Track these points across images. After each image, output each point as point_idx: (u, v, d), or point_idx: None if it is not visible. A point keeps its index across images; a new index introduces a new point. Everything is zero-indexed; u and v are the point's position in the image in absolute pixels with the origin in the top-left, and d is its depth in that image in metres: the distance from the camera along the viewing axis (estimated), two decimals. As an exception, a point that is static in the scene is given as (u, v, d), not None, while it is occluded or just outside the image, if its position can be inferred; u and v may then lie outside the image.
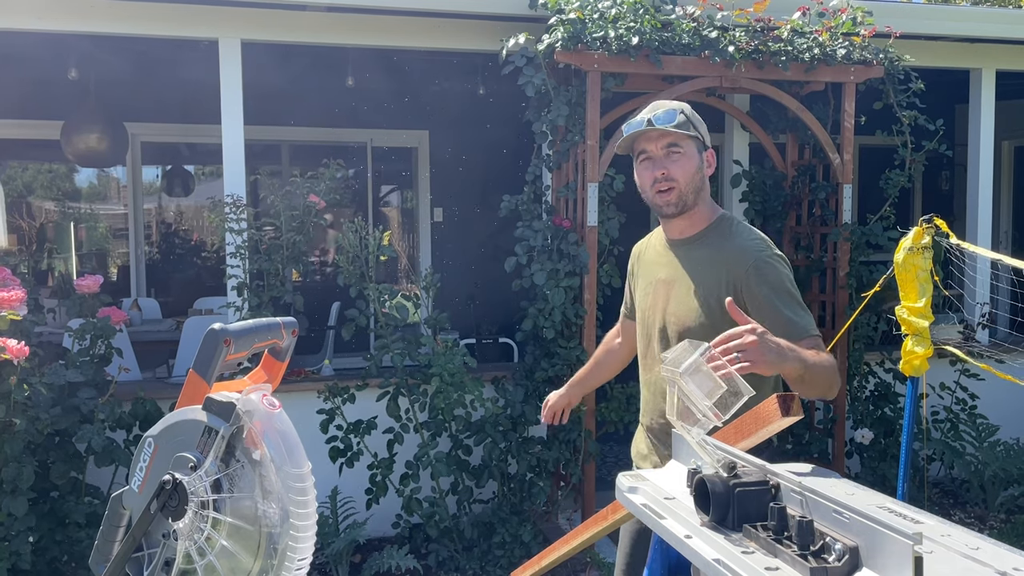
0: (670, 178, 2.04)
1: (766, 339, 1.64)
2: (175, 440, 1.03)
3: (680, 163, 2.04)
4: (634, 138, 2.06)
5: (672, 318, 2.10)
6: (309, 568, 1.01)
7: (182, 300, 6.70)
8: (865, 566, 0.92)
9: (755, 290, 1.98)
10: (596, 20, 4.02)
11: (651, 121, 2.02)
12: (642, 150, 2.07)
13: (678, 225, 2.13)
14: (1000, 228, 7.27)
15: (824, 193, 4.62)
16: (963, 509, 4.80)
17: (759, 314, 1.88)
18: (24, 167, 8.12)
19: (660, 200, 2.07)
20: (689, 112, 2.07)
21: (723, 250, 2.06)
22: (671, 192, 2.05)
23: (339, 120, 6.51)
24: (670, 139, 2.03)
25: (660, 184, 2.05)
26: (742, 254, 2.02)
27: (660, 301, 2.15)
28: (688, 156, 2.05)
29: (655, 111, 2.04)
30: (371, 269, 3.95)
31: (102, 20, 4.17)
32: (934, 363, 3.93)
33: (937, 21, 5.03)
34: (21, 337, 3.31)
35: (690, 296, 2.06)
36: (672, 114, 2.03)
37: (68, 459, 3.56)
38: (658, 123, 2.01)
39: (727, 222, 2.13)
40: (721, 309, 1.92)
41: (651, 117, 2.03)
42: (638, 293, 2.29)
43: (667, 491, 1.27)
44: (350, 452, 3.99)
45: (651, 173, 2.06)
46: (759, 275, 1.99)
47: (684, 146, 2.04)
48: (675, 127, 2.01)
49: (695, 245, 2.12)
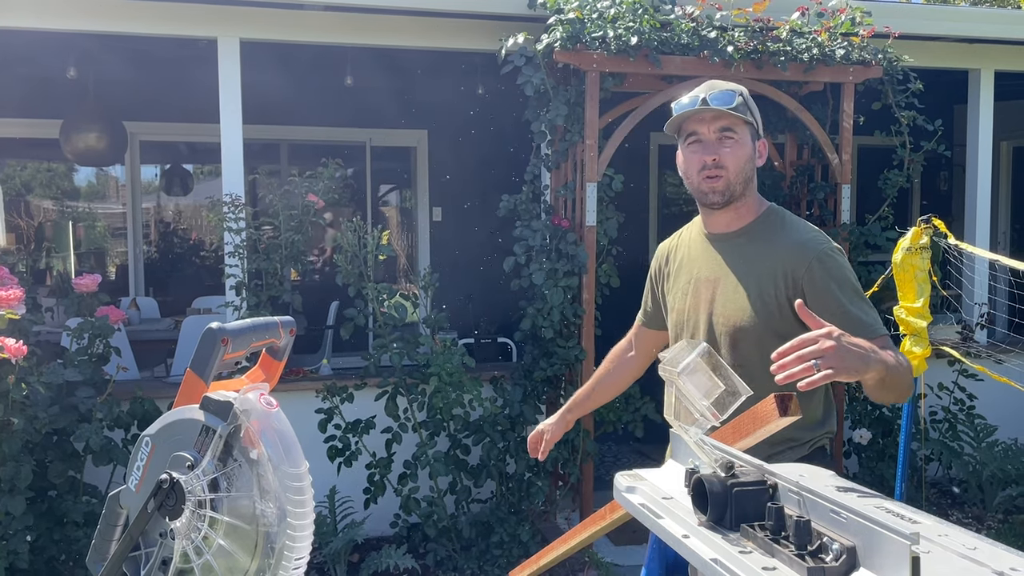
0: (720, 165, 1.86)
1: (844, 343, 1.49)
2: (172, 439, 1.03)
3: (733, 149, 1.87)
4: (685, 118, 1.88)
5: (720, 318, 1.93)
6: (307, 567, 1.01)
7: (180, 299, 6.70)
8: (862, 566, 0.92)
9: (819, 286, 1.82)
10: (595, 20, 4.02)
11: (706, 101, 1.84)
12: (692, 131, 1.89)
13: (723, 217, 1.95)
14: (999, 228, 7.27)
15: (823, 193, 4.63)
16: (961, 509, 4.80)
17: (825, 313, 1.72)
18: (23, 166, 8.11)
19: (706, 187, 1.89)
20: (746, 95, 1.90)
21: (777, 244, 1.90)
22: (719, 180, 1.87)
23: (338, 119, 6.51)
24: (725, 122, 1.86)
25: (709, 171, 1.87)
26: (801, 248, 1.86)
27: (704, 301, 1.97)
28: (741, 143, 1.88)
29: (711, 90, 1.87)
30: (370, 268, 3.94)
31: (101, 19, 4.16)
32: (932, 363, 3.93)
33: (936, 21, 5.03)
34: (19, 336, 3.30)
35: (740, 294, 1.90)
36: (730, 95, 1.86)
37: (66, 458, 3.55)
38: (714, 103, 1.84)
39: (778, 214, 1.98)
40: (777, 307, 1.83)
41: (707, 96, 1.85)
42: (672, 294, 2.10)
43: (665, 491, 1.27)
44: (348, 451, 3.98)
45: (700, 157, 1.88)
46: (823, 270, 1.83)
47: (739, 132, 1.88)
48: (732, 109, 1.84)
49: (743, 239, 1.95)
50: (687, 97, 1.89)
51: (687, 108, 1.86)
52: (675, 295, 2.07)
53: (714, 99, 1.85)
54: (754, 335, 1.86)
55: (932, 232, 3.06)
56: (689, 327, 2.00)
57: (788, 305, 1.81)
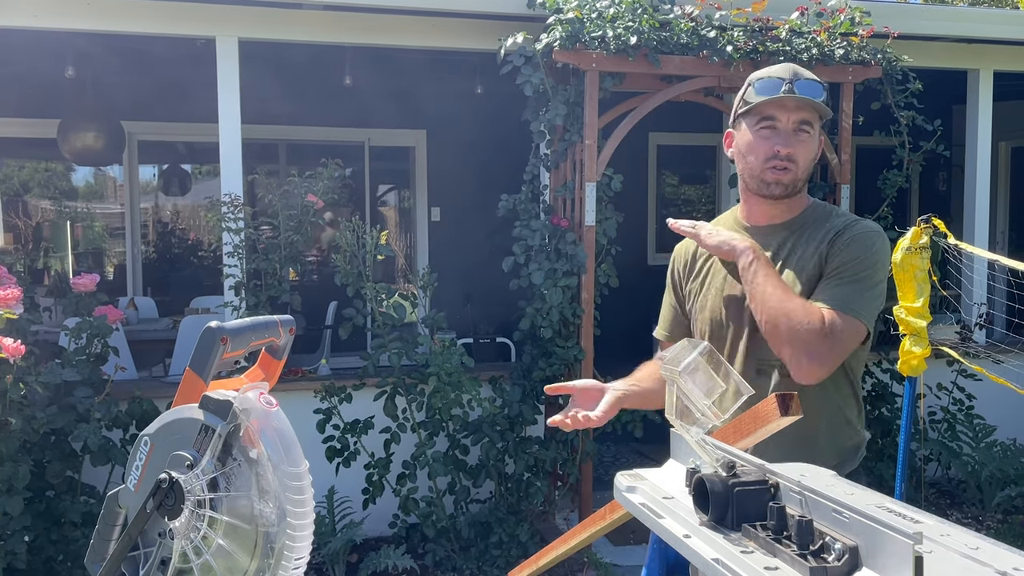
0: (792, 159, 1.76)
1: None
2: (172, 438, 1.02)
3: (806, 144, 1.78)
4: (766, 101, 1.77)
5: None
6: (306, 568, 1.01)
7: (179, 299, 6.69)
8: (865, 566, 0.91)
9: (832, 263, 1.75)
10: (594, 20, 4.02)
11: (792, 88, 1.73)
12: (769, 116, 1.77)
13: (774, 209, 1.85)
14: (997, 228, 7.28)
15: (822, 193, 4.62)
16: (960, 509, 4.81)
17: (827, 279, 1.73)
18: (20, 165, 8.10)
19: (771, 177, 1.78)
20: (827, 88, 1.81)
21: (822, 231, 1.82)
22: (787, 173, 1.77)
23: (337, 119, 6.51)
24: (806, 114, 1.76)
25: (779, 161, 1.77)
26: (838, 233, 1.78)
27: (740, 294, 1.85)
28: (814, 139, 1.80)
29: (796, 76, 1.75)
30: (368, 268, 3.94)
31: (99, 18, 4.16)
32: (931, 363, 3.93)
33: (935, 21, 5.03)
34: (17, 336, 3.30)
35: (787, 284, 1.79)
36: (818, 88, 1.76)
37: (64, 458, 3.55)
38: (800, 91, 1.73)
39: (825, 206, 1.91)
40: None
41: (795, 85, 1.74)
42: (703, 292, 1.94)
43: (666, 490, 1.26)
44: (347, 452, 3.98)
45: (772, 145, 1.77)
46: (842, 249, 1.75)
47: (814, 127, 1.79)
48: (820, 102, 1.76)
49: (790, 230, 1.86)
50: (769, 78, 1.79)
51: (773, 94, 1.75)
52: (707, 293, 1.93)
53: (802, 88, 1.74)
54: None
55: (932, 232, 3.06)
56: (729, 324, 1.87)
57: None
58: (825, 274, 1.76)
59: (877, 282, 1.77)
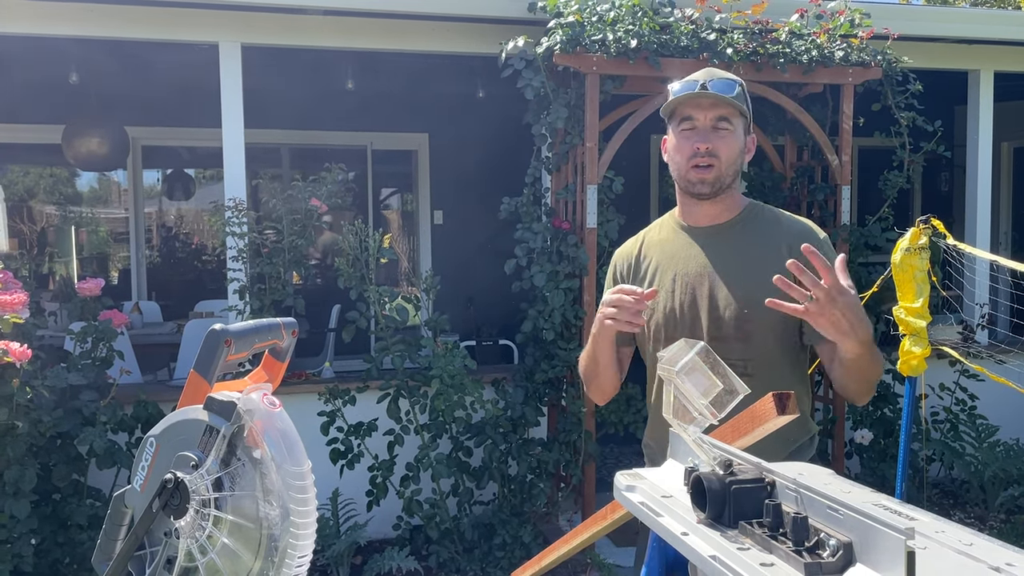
0: (713, 154, 1.81)
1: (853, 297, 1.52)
2: (177, 439, 1.04)
3: (727, 140, 1.82)
4: (680, 102, 1.83)
5: (726, 312, 1.85)
6: (310, 569, 1.02)
7: (183, 303, 6.72)
8: (859, 561, 0.93)
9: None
10: (595, 23, 4.04)
11: (705, 86, 1.79)
12: (687, 116, 1.84)
13: (710, 209, 1.89)
14: (999, 229, 7.28)
15: (823, 194, 4.64)
16: (963, 510, 4.81)
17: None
18: (25, 171, 8.14)
19: (695, 176, 1.84)
20: (744, 87, 1.86)
21: (775, 231, 1.86)
22: (710, 170, 1.82)
23: (339, 123, 6.53)
24: (722, 111, 1.81)
25: (700, 159, 1.82)
26: (803, 235, 1.81)
27: (701, 297, 1.88)
28: (735, 135, 1.84)
29: (710, 76, 1.82)
30: (371, 271, 3.96)
31: (102, 24, 4.18)
32: (934, 364, 3.94)
33: (935, 22, 5.04)
34: (23, 340, 3.32)
35: (744, 285, 1.83)
36: (730, 84, 1.81)
37: (70, 461, 3.57)
38: (713, 90, 1.79)
39: (762, 206, 1.96)
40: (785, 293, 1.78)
41: (707, 82, 1.80)
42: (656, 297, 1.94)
43: (664, 489, 1.28)
44: (351, 454, 3.99)
45: (692, 144, 1.83)
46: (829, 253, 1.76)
47: (734, 123, 1.83)
48: (732, 98, 1.80)
49: (734, 230, 1.89)
50: (684, 81, 1.84)
51: (686, 91, 1.81)
52: (660, 297, 1.94)
53: (714, 86, 1.80)
54: (766, 324, 1.81)
55: (931, 232, 3.07)
56: (683, 326, 1.89)
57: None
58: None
59: None
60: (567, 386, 4.25)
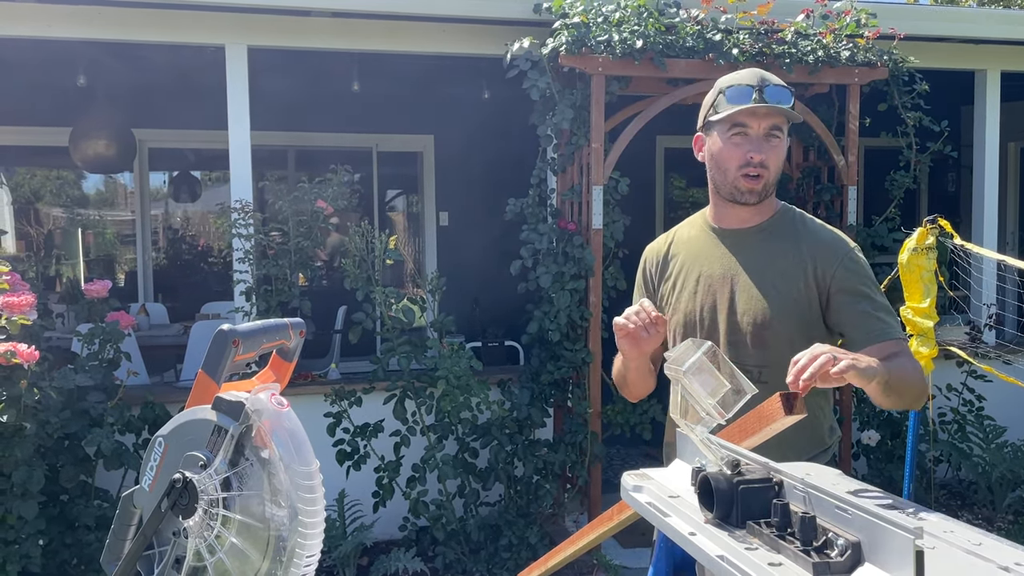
0: (765, 165, 1.79)
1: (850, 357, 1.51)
2: (185, 439, 1.04)
3: (777, 149, 1.81)
4: (739, 110, 1.79)
5: (745, 317, 1.85)
6: (316, 570, 1.02)
7: (189, 305, 6.73)
8: (867, 561, 0.93)
9: (848, 286, 1.80)
10: (600, 24, 4.04)
11: (763, 96, 1.76)
12: (740, 123, 1.80)
13: (741, 213, 1.88)
14: (1007, 229, 7.25)
15: (829, 195, 4.63)
16: (971, 511, 4.79)
17: (854, 314, 1.77)
18: (32, 174, 8.16)
19: (745, 185, 1.82)
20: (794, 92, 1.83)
21: (802, 241, 1.85)
22: (760, 180, 1.81)
23: (345, 125, 6.54)
24: (777, 120, 1.79)
25: (752, 168, 1.80)
26: (830, 247, 1.83)
27: (722, 299, 1.88)
28: (784, 143, 1.83)
29: (765, 82, 1.78)
30: (377, 273, 3.96)
31: (110, 27, 4.20)
32: (941, 364, 3.93)
33: (941, 22, 5.03)
34: (31, 341, 3.33)
35: (765, 290, 1.83)
36: (787, 94, 1.78)
37: (77, 462, 3.58)
38: (770, 98, 1.75)
39: (794, 212, 1.93)
40: (807, 303, 1.80)
41: (763, 88, 1.76)
42: (676, 295, 1.97)
43: (672, 489, 1.27)
44: (357, 455, 4.00)
45: (743, 152, 1.80)
46: (853, 270, 1.81)
47: (784, 131, 1.82)
48: (790, 109, 1.78)
49: (763, 235, 1.88)
50: (737, 83, 1.80)
51: (742, 101, 1.77)
52: (678, 295, 1.97)
53: (771, 95, 1.76)
54: (783, 332, 1.81)
55: (938, 233, 3.06)
56: (703, 328, 1.90)
57: (818, 302, 1.81)
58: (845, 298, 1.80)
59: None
60: (573, 387, 4.24)
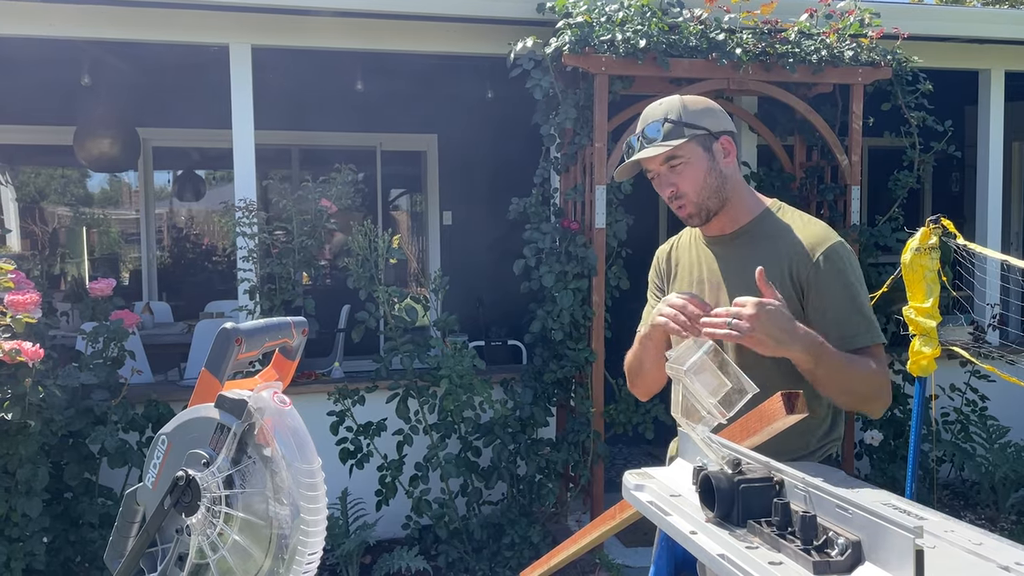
0: (679, 195, 1.86)
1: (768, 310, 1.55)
2: (188, 437, 1.05)
3: (685, 174, 1.84)
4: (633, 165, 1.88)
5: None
6: (319, 568, 1.03)
7: (193, 304, 6.75)
8: (868, 560, 0.93)
9: (824, 283, 1.80)
10: (603, 23, 4.04)
11: (632, 148, 1.85)
12: (646, 169, 1.90)
13: (715, 223, 1.92)
14: (1010, 229, 7.24)
15: (832, 195, 4.62)
16: (974, 511, 4.78)
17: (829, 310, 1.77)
18: (37, 172, 8.19)
19: (681, 215, 1.91)
20: (677, 114, 1.83)
21: (781, 240, 1.87)
22: (684, 208, 1.88)
23: (349, 124, 6.55)
24: (660, 157, 1.84)
25: (673, 203, 1.89)
26: (805, 244, 1.84)
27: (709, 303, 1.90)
28: (692, 162, 1.84)
29: (643, 126, 1.86)
30: (380, 272, 3.97)
31: (114, 26, 4.21)
32: (944, 364, 3.92)
33: (945, 22, 5.02)
34: (36, 340, 3.34)
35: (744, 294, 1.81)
36: (655, 128, 1.83)
37: (82, 460, 3.59)
38: (640, 150, 1.83)
39: (775, 213, 1.94)
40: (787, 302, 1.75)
41: (639, 137, 1.85)
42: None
43: (673, 488, 1.28)
44: (360, 454, 4.01)
45: (662, 191, 1.90)
46: (829, 267, 1.81)
47: (684, 153, 1.83)
48: (662, 143, 1.81)
49: (742, 240, 1.91)
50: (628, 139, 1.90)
51: (627, 159, 1.87)
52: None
53: (645, 137, 1.83)
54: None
55: (941, 232, 3.06)
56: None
57: (797, 302, 1.80)
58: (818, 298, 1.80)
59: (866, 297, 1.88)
60: (576, 386, 4.25)
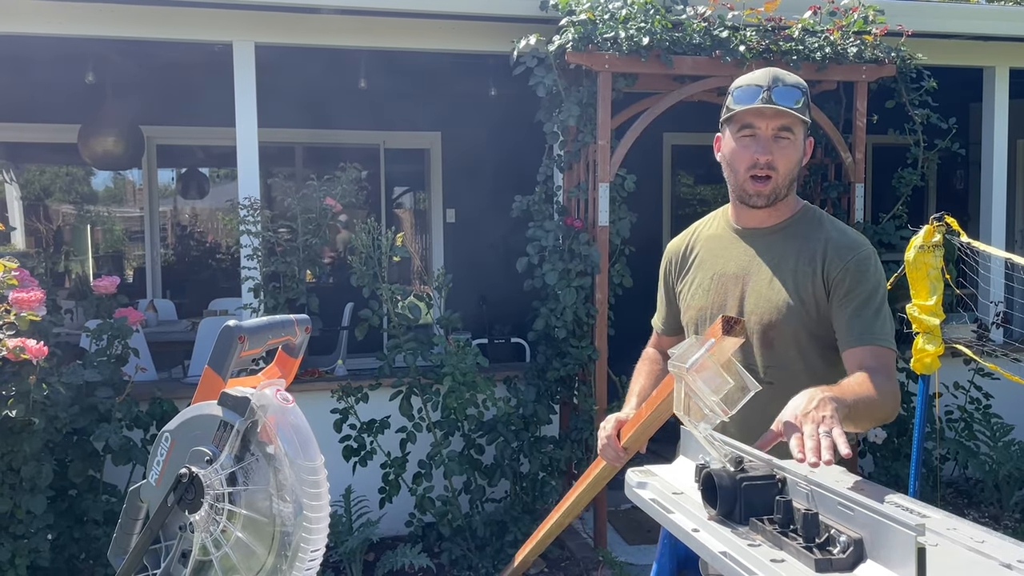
0: (772, 166, 1.79)
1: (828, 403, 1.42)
2: (192, 434, 1.05)
3: (787, 151, 1.79)
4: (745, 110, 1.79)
5: (753, 316, 1.85)
6: (323, 566, 1.03)
7: (197, 301, 6.76)
8: (869, 557, 0.93)
9: (846, 288, 1.78)
10: (607, 21, 4.03)
11: (770, 97, 1.75)
12: (748, 124, 1.80)
13: (758, 214, 1.89)
14: (1015, 227, 7.22)
15: (836, 192, 4.62)
16: (977, 509, 4.78)
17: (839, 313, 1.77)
18: (42, 170, 8.21)
19: (752, 188, 1.83)
20: (808, 93, 1.81)
21: (817, 242, 1.83)
22: (767, 182, 1.81)
23: (352, 122, 6.55)
24: (785, 121, 1.78)
25: (759, 170, 1.80)
26: (841, 250, 1.81)
27: (732, 297, 1.89)
28: (795, 144, 1.81)
29: (776, 82, 1.77)
30: (384, 270, 3.97)
31: (117, 24, 4.21)
32: (948, 362, 3.91)
33: (950, 19, 5.00)
34: (40, 337, 3.35)
35: (775, 290, 1.83)
36: (796, 93, 1.77)
37: (86, 458, 3.60)
38: (777, 99, 1.75)
39: (815, 212, 1.92)
40: (815, 305, 1.79)
41: (771, 89, 1.76)
42: (690, 290, 2.00)
43: (675, 486, 1.28)
44: (363, 451, 4.01)
45: (751, 154, 1.80)
46: (855, 275, 1.79)
47: (795, 132, 1.79)
48: (796, 110, 1.76)
49: (779, 235, 1.88)
50: (746, 84, 1.81)
51: (747, 101, 1.78)
52: (694, 291, 1.99)
53: (779, 95, 1.76)
54: (789, 333, 1.82)
55: (945, 230, 3.05)
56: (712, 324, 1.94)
57: (826, 303, 1.80)
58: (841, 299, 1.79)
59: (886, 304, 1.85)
60: (579, 384, 4.25)
